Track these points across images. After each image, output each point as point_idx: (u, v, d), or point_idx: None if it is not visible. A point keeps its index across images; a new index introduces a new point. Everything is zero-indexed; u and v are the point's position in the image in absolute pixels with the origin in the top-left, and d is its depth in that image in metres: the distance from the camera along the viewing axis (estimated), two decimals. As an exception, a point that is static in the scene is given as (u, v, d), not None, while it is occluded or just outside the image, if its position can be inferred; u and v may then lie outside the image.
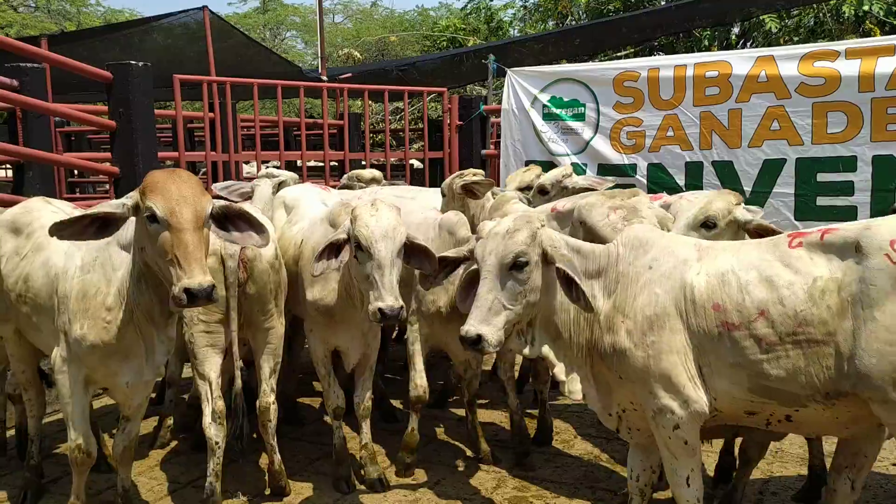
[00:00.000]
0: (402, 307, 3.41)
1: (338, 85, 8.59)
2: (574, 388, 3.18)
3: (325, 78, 9.65)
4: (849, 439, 3.02)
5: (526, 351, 3.20)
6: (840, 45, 5.91)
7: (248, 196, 5.21)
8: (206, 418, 3.83)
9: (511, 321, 3.01)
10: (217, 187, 5.21)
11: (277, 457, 4.13)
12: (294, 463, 4.52)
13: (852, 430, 2.93)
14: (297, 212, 4.71)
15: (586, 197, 4.40)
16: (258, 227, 3.24)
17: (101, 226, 3.06)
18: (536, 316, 3.13)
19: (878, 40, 6.35)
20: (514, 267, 2.98)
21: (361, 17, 30.58)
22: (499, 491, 4.19)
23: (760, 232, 3.67)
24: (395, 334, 6.44)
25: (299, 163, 7.90)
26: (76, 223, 3.03)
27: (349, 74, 10.57)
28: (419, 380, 4.28)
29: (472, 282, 3.24)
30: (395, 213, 3.65)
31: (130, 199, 3.06)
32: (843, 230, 2.79)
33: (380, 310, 3.38)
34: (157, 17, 9.12)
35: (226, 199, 4.82)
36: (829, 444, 3.75)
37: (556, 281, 3.06)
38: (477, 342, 2.90)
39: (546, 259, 3.05)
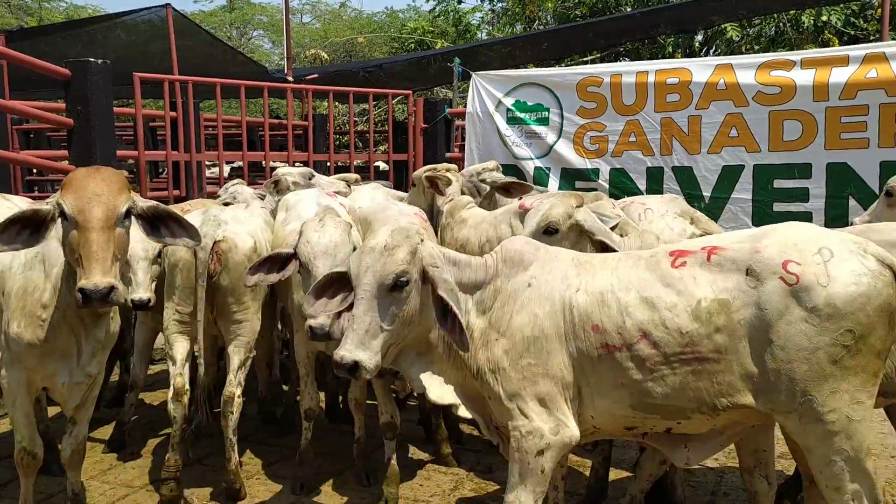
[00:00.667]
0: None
1: (302, 86, 8.57)
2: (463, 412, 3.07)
3: (290, 78, 9.59)
4: (745, 441, 3.06)
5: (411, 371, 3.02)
6: (795, 55, 6.04)
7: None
8: (169, 394, 4.04)
9: (388, 343, 2.80)
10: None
11: (235, 456, 4.08)
12: (252, 466, 4.49)
13: (727, 436, 2.94)
14: (291, 212, 4.66)
15: (552, 197, 4.42)
16: (189, 229, 3.21)
17: (34, 228, 2.99)
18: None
19: (832, 51, 6.50)
20: (395, 288, 2.77)
21: (329, 17, 30.49)
22: (456, 492, 4.21)
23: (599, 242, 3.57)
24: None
25: (263, 163, 7.85)
26: (5, 229, 2.95)
27: (315, 75, 10.53)
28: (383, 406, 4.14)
29: (327, 285, 3.04)
30: (342, 229, 3.57)
31: (54, 196, 3.02)
32: (730, 251, 2.74)
33: (310, 327, 3.32)
34: (121, 14, 9.00)
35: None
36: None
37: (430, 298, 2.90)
38: (354, 369, 2.69)
39: (425, 277, 2.86)
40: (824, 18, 12.32)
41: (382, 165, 9.68)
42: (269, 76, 10.03)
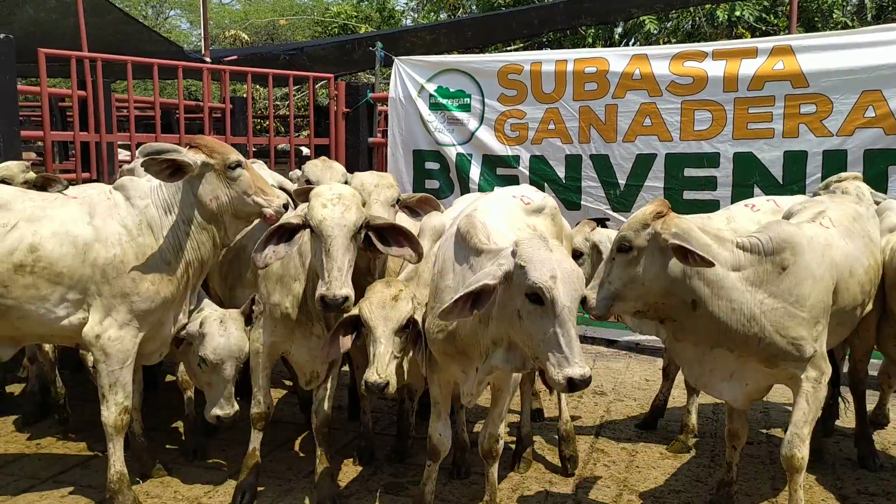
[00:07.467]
0: None
1: (219, 67, 8.34)
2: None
3: (208, 59, 9.33)
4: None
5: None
6: (708, 47, 6.24)
7: None
8: None
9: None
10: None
11: None
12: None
13: None
14: None
15: None
16: None
17: None
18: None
19: (742, 43, 6.74)
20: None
21: (251, -1, 29.69)
22: (375, 478, 4.21)
23: None
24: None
25: (179, 146, 7.60)
26: None
27: (235, 57, 10.27)
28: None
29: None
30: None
31: None
32: None
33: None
34: (27, -11, 8.55)
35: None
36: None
37: None
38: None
39: None
40: (738, 14, 12.74)
41: (305, 150, 9.54)
42: (185, 56, 9.73)
